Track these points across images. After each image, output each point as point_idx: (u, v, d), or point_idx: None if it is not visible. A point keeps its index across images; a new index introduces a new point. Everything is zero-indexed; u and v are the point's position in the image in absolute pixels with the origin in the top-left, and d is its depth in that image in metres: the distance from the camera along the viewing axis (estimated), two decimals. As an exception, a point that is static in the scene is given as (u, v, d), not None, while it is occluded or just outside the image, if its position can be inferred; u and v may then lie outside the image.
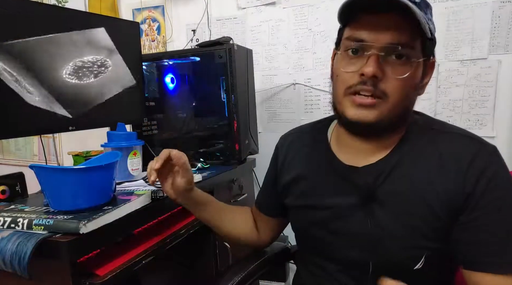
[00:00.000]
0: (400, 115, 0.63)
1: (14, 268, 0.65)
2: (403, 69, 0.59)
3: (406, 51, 0.59)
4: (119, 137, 1.02)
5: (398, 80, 0.59)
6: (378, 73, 0.58)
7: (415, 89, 0.63)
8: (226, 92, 1.31)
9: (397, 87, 0.59)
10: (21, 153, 2.46)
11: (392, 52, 0.59)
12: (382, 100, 0.60)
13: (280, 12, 1.70)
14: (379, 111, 0.60)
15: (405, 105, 0.62)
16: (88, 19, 1.06)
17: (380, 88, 0.59)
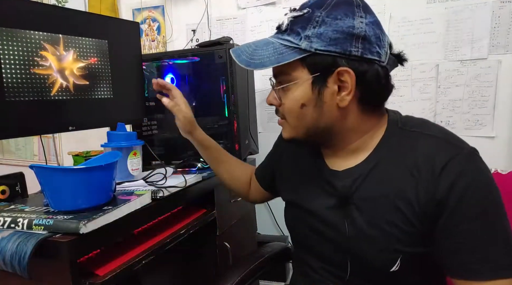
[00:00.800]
0: (321, 131, 0.66)
1: (14, 268, 0.65)
2: (284, 96, 0.66)
3: (282, 79, 0.65)
4: (119, 137, 1.02)
5: (286, 105, 0.66)
6: (271, 102, 0.69)
7: (308, 106, 0.63)
8: (226, 92, 1.31)
9: (287, 110, 0.66)
10: (21, 153, 2.46)
11: (277, 82, 0.68)
12: (286, 122, 0.69)
13: (280, 12, 1.70)
14: (287, 131, 0.70)
15: (307, 122, 0.65)
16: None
17: (280, 112, 0.69)
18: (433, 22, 1.47)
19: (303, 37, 0.61)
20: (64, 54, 1.00)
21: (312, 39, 0.60)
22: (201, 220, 1.08)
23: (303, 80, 0.62)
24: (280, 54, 0.62)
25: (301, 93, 0.63)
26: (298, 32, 0.61)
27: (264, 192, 0.96)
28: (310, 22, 0.61)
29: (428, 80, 1.50)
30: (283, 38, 0.63)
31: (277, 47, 0.63)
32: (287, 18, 0.64)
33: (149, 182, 0.99)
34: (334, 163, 0.71)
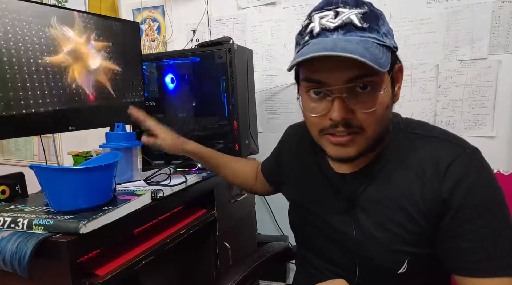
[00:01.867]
0: (380, 136, 0.63)
1: (14, 268, 0.65)
2: (371, 101, 0.56)
3: (369, 80, 0.56)
4: (117, 138, 1.02)
5: (369, 113, 0.57)
6: (346, 116, 0.56)
7: (389, 106, 0.61)
8: (226, 92, 1.31)
9: (370, 119, 0.57)
10: (21, 153, 2.46)
11: (355, 88, 0.56)
12: (359, 134, 0.59)
13: (280, 12, 1.70)
14: (357, 145, 0.59)
15: (383, 125, 0.62)
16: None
17: (354, 125, 0.58)
18: (433, 22, 1.47)
19: (382, 34, 0.58)
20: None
21: (388, 36, 0.59)
22: (201, 220, 1.08)
23: (388, 80, 0.59)
24: (383, 53, 0.56)
25: (388, 94, 0.59)
26: (377, 29, 0.57)
27: (269, 187, 0.97)
28: (379, 19, 0.58)
29: (428, 80, 1.50)
30: (368, 36, 0.56)
31: (377, 46, 0.56)
32: (355, 15, 0.56)
33: (149, 182, 0.99)
34: (340, 167, 0.70)
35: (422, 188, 0.60)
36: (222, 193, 1.24)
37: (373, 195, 0.65)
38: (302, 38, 0.61)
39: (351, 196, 0.66)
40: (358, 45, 0.53)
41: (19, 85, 0.88)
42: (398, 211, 0.61)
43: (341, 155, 0.61)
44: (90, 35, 1.07)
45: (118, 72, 1.17)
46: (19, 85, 0.88)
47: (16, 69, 0.88)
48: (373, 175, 0.65)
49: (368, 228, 0.64)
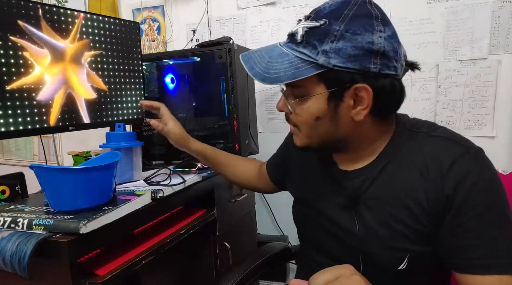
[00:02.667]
0: (335, 141, 0.66)
1: (14, 268, 0.65)
2: (297, 107, 0.64)
3: (297, 91, 0.63)
4: (118, 138, 1.02)
5: (300, 116, 0.65)
6: (282, 109, 0.68)
7: (322, 119, 0.63)
8: (226, 92, 1.31)
9: (301, 121, 0.65)
10: (21, 153, 2.46)
11: (289, 91, 0.65)
12: (298, 130, 0.68)
13: (280, 12, 1.70)
14: (300, 139, 0.68)
15: (327, 135, 0.64)
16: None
17: (291, 120, 0.68)
18: (433, 22, 1.47)
19: (320, 51, 0.58)
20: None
21: (330, 54, 0.57)
22: (201, 220, 1.08)
23: (319, 94, 0.61)
24: (296, 69, 0.60)
25: (316, 107, 0.62)
26: (315, 45, 0.58)
27: (272, 185, 0.97)
28: (328, 36, 0.58)
29: (428, 80, 1.50)
30: (299, 50, 0.61)
31: (293, 60, 0.60)
32: (302, 28, 0.60)
33: (149, 182, 0.99)
34: (344, 163, 0.72)
35: (425, 186, 0.61)
36: (222, 193, 1.24)
37: (377, 192, 0.65)
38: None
39: (354, 193, 0.67)
40: (270, 57, 0.63)
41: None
42: (400, 209, 0.62)
43: (294, 142, 0.71)
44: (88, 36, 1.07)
45: (118, 72, 1.17)
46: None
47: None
48: (376, 173, 0.66)
49: (370, 224, 0.65)
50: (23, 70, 0.90)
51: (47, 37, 0.95)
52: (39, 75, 0.94)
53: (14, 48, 0.88)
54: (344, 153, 0.70)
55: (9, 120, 0.88)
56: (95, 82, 1.10)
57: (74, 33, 1.03)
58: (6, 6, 0.87)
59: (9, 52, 0.87)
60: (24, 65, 0.90)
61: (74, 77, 1.03)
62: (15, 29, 0.88)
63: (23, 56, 0.90)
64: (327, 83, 0.60)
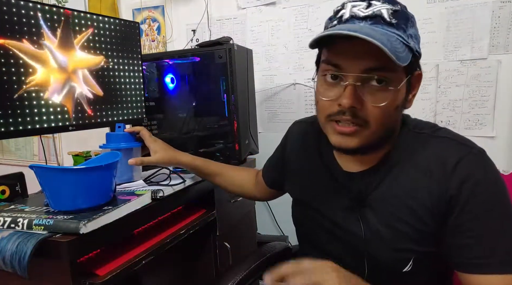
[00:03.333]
0: (384, 136, 0.63)
1: (14, 268, 0.65)
2: (382, 96, 0.57)
3: (386, 75, 0.57)
4: (117, 138, 1.02)
5: (378, 108, 0.58)
6: (355, 104, 0.57)
7: (399, 108, 0.62)
8: (226, 92, 1.31)
9: (377, 114, 0.58)
10: (21, 153, 2.46)
11: (370, 79, 0.57)
12: (363, 127, 0.60)
13: (280, 12, 1.70)
14: (360, 138, 0.60)
15: (388, 127, 0.62)
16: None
17: (360, 117, 0.59)
18: (433, 22, 1.47)
19: (408, 35, 0.58)
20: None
21: (413, 39, 0.59)
22: (201, 220, 1.08)
23: (403, 81, 0.59)
24: (404, 51, 0.56)
25: (400, 95, 0.59)
26: (404, 28, 0.58)
27: (270, 191, 0.97)
28: (409, 20, 0.59)
29: (428, 80, 1.50)
30: (394, 32, 0.57)
31: (400, 41, 0.56)
32: (386, 10, 0.57)
33: (148, 182, 0.99)
34: (347, 165, 0.71)
35: (429, 187, 0.60)
36: (222, 193, 1.24)
37: (382, 194, 0.65)
38: (330, 22, 0.63)
39: (359, 195, 0.67)
40: (382, 36, 0.54)
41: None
42: (405, 210, 0.62)
43: (342, 145, 0.62)
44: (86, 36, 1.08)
45: (118, 72, 1.17)
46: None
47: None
48: (381, 175, 0.65)
49: (375, 226, 0.64)
50: (24, 71, 0.90)
51: (47, 38, 0.95)
52: (39, 76, 0.94)
53: (14, 48, 0.88)
54: (360, 155, 0.67)
55: (9, 120, 0.88)
56: (95, 82, 1.10)
57: (74, 33, 1.03)
58: (6, 6, 0.87)
59: (9, 54, 0.87)
60: (24, 67, 0.90)
61: (74, 77, 1.03)
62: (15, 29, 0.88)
63: (23, 57, 0.89)
64: (407, 68, 0.59)
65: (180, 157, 0.97)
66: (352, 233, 0.67)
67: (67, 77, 1.01)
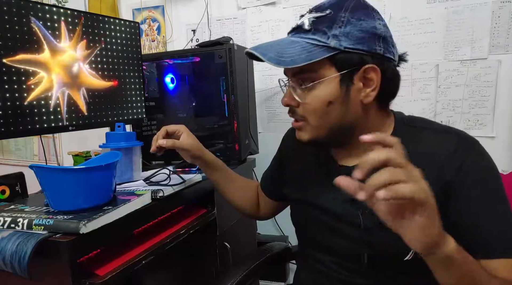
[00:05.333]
0: (340, 129, 0.67)
1: (14, 268, 0.65)
2: (307, 95, 0.65)
3: (307, 76, 0.64)
4: (117, 138, 1.02)
5: (307, 104, 0.65)
6: (289, 102, 0.68)
7: (334, 104, 0.64)
8: (226, 92, 1.31)
9: (308, 110, 0.66)
10: (21, 153, 2.45)
11: (296, 81, 0.66)
12: (306, 122, 0.67)
13: (280, 12, 1.70)
14: (307, 132, 0.68)
15: (332, 121, 0.65)
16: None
17: (298, 113, 0.68)
18: (433, 22, 1.47)
19: (330, 36, 0.62)
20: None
21: (340, 37, 0.62)
22: (201, 220, 1.08)
23: (331, 78, 0.63)
24: (309, 52, 0.62)
25: (329, 91, 0.64)
26: (324, 31, 0.63)
27: (273, 204, 0.96)
28: (336, 22, 0.63)
29: (428, 80, 1.50)
30: (308, 37, 0.64)
31: (305, 46, 0.63)
32: (308, 19, 0.65)
33: (148, 182, 0.99)
34: (344, 160, 0.73)
35: (427, 176, 0.61)
36: (222, 193, 1.24)
37: None
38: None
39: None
40: (280, 45, 0.64)
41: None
42: None
43: (299, 138, 0.70)
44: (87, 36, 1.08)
45: (118, 73, 1.17)
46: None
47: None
48: None
49: (375, 216, 0.65)
50: (23, 72, 0.90)
51: (47, 38, 0.95)
52: (39, 76, 0.94)
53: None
54: (345, 148, 0.71)
55: (10, 120, 0.88)
56: (95, 82, 1.10)
57: (74, 33, 1.03)
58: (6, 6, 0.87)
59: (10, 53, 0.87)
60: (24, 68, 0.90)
61: (74, 77, 1.04)
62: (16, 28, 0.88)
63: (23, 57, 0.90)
64: (338, 66, 0.63)
65: (205, 150, 0.92)
66: (353, 225, 0.68)
67: (67, 77, 1.01)
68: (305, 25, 0.65)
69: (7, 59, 0.87)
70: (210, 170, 0.94)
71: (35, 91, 0.93)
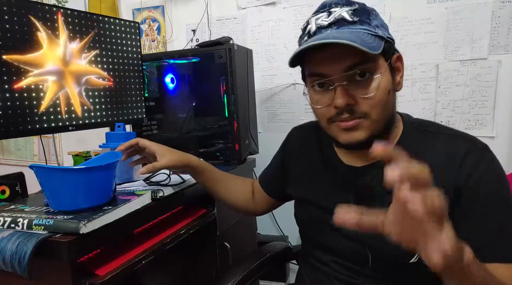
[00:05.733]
0: (386, 123, 0.66)
1: (14, 268, 0.65)
2: (370, 86, 0.62)
3: (366, 67, 0.61)
4: (117, 138, 1.02)
5: (376, 96, 0.62)
6: (349, 101, 0.62)
7: (390, 92, 0.65)
8: (226, 92, 1.31)
9: (372, 103, 0.62)
10: (21, 153, 2.46)
11: (354, 76, 0.61)
12: (365, 119, 0.63)
13: (280, 12, 1.70)
14: (365, 129, 0.64)
15: (388, 112, 0.66)
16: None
17: (358, 111, 0.62)
18: (433, 22, 1.47)
19: (374, 26, 0.63)
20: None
21: (380, 28, 0.63)
22: (201, 220, 1.08)
23: (385, 67, 0.64)
24: (373, 41, 0.60)
25: (387, 79, 0.64)
26: (368, 22, 0.63)
27: (270, 201, 0.96)
28: (370, 13, 0.64)
29: (428, 80, 1.50)
30: (359, 28, 0.62)
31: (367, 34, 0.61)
32: (346, 11, 0.63)
33: (148, 182, 0.99)
34: (351, 160, 0.72)
35: (436, 180, 0.61)
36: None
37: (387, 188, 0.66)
38: (301, 39, 0.68)
39: (365, 189, 0.68)
40: (350, 35, 0.59)
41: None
42: None
43: (351, 140, 0.64)
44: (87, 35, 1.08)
45: (118, 72, 1.17)
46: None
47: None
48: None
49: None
50: (23, 71, 0.90)
51: (47, 38, 0.95)
52: (39, 76, 0.94)
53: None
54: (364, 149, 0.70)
55: (10, 120, 0.88)
56: (95, 82, 1.10)
57: (74, 33, 1.03)
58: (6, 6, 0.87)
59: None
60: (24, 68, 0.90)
61: (74, 77, 1.03)
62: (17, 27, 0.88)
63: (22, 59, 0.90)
64: (385, 55, 0.64)
65: (189, 157, 0.92)
66: None
67: (67, 77, 1.01)
68: (345, 17, 0.62)
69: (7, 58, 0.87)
70: (197, 173, 0.93)
71: (35, 91, 0.93)
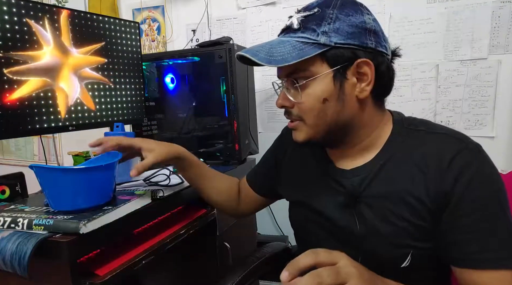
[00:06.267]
0: (336, 128, 0.66)
1: (14, 268, 0.65)
2: (301, 94, 0.64)
3: (299, 75, 0.64)
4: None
5: (302, 104, 0.65)
6: (284, 103, 0.67)
7: (330, 100, 0.63)
8: (226, 92, 1.31)
9: (303, 109, 0.65)
10: (21, 153, 2.46)
11: (290, 82, 0.66)
12: (302, 122, 0.67)
13: (280, 12, 1.70)
14: (304, 132, 0.67)
15: (327, 120, 0.65)
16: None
17: (293, 114, 0.67)
18: (433, 22, 1.47)
19: (319, 33, 0.62)
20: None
21: (330, 34, 0.61)
22: (201, 220, 1.08)
23: (324, 75, 0.63)
24: (300, 50, 0.62)
25: (323, 88, 0.63)
26: (313, 29, 0.62)
27: (257, 199, 0.94)
28: (324, 19, 0.62)
29: (428, 80, 1.50)
30: (298, 36, 0.64)
31: (295, 44, 0.63)
32: (297, 18, 0.65)
33: (148, 182, 0.99)
34: (341, 162, 0.72)
35: (426, 182, 0.61)
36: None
37: (377, 190, 0.65)
38: None
39: (354, 191, 0.67)
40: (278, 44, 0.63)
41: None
42: (402, 205, 0.62)
43: (295, 139, 0.70)
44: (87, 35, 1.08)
45: (118, 72, 1.17)
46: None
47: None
48: (376, 170, 0.66)
49: (372, 222, 0.65)
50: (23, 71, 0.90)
51: (47, 38, 0.96)
52: (39, 76, 0.94)
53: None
54: (342, 148, 0.71)
55: (10, 120, 0.88)
56: (95, 82, 1.10)
57: (74, 33, 1.03)
58: (6, 6, 0.87)
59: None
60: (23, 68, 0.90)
61: (74, 77, 1.03)
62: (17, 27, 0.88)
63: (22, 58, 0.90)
64: (330, 62, 0.62)
65: (178, 148, 0.88)
66: (349, 229, 0.68)
67: (67, 77, 1.01)
68: (294, 24, 0.64)
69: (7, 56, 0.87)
70: (186, 167, 0.90)
71: (35, 91, 0.93)
